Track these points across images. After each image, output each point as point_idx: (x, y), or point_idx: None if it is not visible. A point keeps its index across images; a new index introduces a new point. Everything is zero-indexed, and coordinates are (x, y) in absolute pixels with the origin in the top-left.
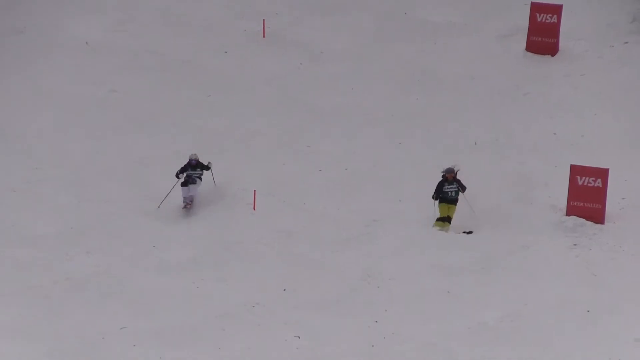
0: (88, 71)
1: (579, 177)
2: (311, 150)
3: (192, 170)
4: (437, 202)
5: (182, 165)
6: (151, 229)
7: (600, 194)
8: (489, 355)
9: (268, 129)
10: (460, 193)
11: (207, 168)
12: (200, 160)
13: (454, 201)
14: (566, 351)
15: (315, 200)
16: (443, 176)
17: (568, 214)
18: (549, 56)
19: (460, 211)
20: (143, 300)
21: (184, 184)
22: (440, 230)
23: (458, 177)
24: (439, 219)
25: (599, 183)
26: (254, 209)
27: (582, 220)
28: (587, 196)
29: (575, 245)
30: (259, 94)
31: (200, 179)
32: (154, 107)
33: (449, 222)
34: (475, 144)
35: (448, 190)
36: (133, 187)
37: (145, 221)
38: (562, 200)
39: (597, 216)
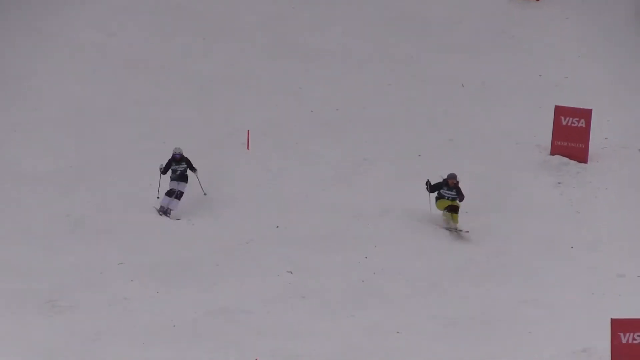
0: (87, 15)
1: (562, 118)
2: (302, 91)
3: (177, 165)
4: (432, 196)
5: (167, 161)
6: (148, 168)
7: (583, 134)
8: (476, 291)
9: (261, 72)
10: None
11: (193, 169)
12: (184, 155)
13: (453, 200)
14: (550, 286)
15: (307, 140)
16: (444, 180)
17: (552, 153)
18: (534, 1)
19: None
20: (140, 237)
21: (168, 194)
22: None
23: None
24: (446, 209)
25: (582, 123)
26: (248, 148)
27: (566, 159)
28: (570, 136)
29: (559, 183)
30: (252, 37)
31: (186, 178)
32: (150, 51)
33: (456, 211)
34: (463, 86)
35: (446, 195)
36: (131, 127)
37: (143, 160)
38: (547, 140)
39: (580, 155)
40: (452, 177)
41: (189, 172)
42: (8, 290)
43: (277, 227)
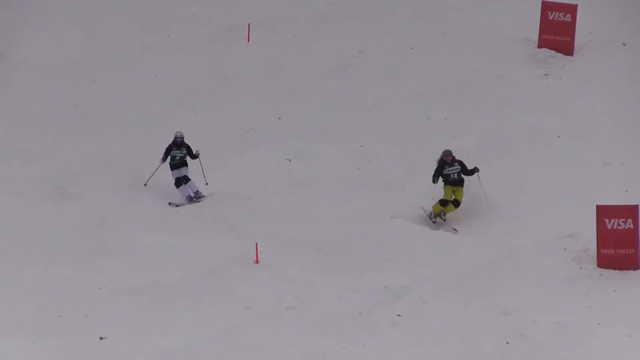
0: None
1: (549, 12)
2: None
3: (177, 150)
4: (440, 183)
5: (167, 147)
6: (154, 60)
7: (569, 28)
8: (473, 180)
9: None
10: (472, 176)
11: (195, 156)
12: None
13: (458, 182)
14: (538, 173)
15: (306, 32)
16: (441, 159)
17: (539, 46)
18: None
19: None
20: (145, 125)
21: (177, 184)
22: (437, 215)
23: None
24: (441, 201)
25: (568, 18)
26: (248, 41)
27: (553, 52)
28: (557, 30)
29: (546, 75)
30: None
31: (186, 164)
32: None
33: (456, 205)
34: None
35: (449, 173)
36: (135, 20)
37: (148, 54)
38: (534, 34)
39: (566, 48)
40: (447, 154)
41: (189, 159)
42: (19, 178)
43: (279, 118)
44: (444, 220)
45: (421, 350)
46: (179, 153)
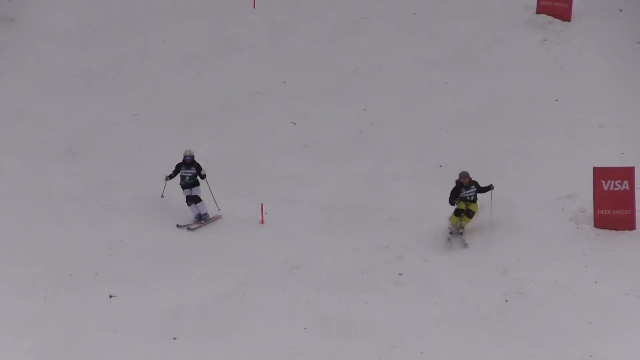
0: None
1: None
2: None
3: (186, 169)
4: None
5: (176, 165)
6: (162, 25)
7: None
8: (465, 140)
9: None
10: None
11: (203, 176)
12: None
13: (473, 201)
14: (536, 136)
15: None
16: (457, 182)
17: (538, 12)
18: None
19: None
20: (153, 90)
21: (188, 202)
22: (454, 226)
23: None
24: (456, 212)
25: None
26: (254, 7)
27: (551, 17)
28: None
29: (544, 40)
30: None
31: (198, 183)
32: None
33: (470, 216)
34: None
35: (466, 196)
36: None
37: (156, 19)
38: (533, 0)
39: (564, 14)
40: (464, 176)
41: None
42: (30, 140)
43: (284, 82)
44: (461, 234)
45: (422, 308)
46: (188, 172)
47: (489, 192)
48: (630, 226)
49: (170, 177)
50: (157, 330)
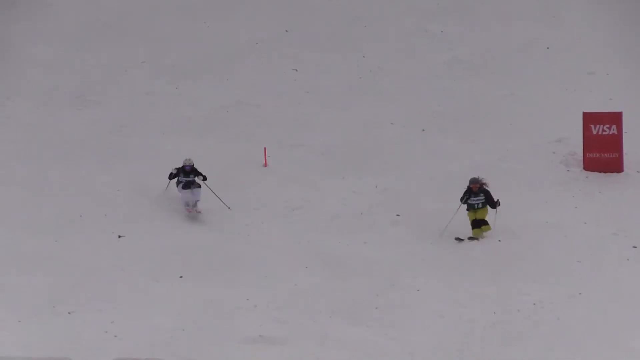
0: None
1: None
2: None
3: (185, 177)
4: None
5: (175, 170)
6: None
7: None
8: (463, 86)
9: None
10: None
11: (204, 178)
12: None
13: (481, 208)
14: (529, 82)
15: None
16: (468, 187)
17: None
18: None
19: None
20: (160, 38)
21: (185, 186)
22: (479, 237)
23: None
24: (473, 227)
25: None
26: None
27: None
28: None
29: None
30: None
31: (198, 184)
32: None
33: (486, 223)
34: None
35: (474, 203)
36: None
37: None
38: None
39: None
40: (473, 181)
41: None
42: (43, 87)
43: (287, 30)
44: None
45: (419, 247)
46: (188, 180)
47: (494, 209)
48: (618, 169)
49: (171, 178)
50: (164, 269)
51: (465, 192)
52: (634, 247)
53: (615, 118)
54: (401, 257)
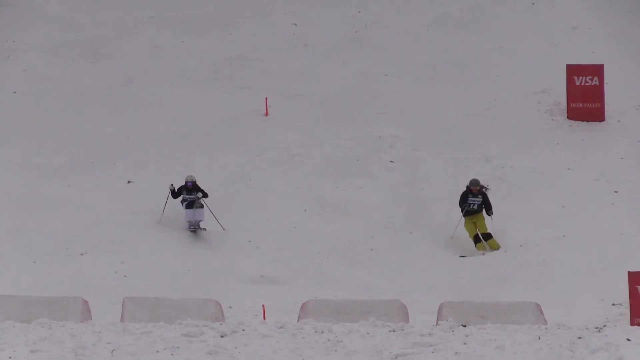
0: None
1: None
2: None
3: (188, 194)
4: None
5: (173, 187)
6: None
7: None
8: (453, 40)
9: None
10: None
11: (205, 195)
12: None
13: (476, 212)
14: (514, 36)
15: None
16: (467, 187)
17: None
18: None
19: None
20: None
21: (188, 206)
22: (485, 251)
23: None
24: (476, 242)
25: None
26: None
27: None
28: None
29: None
30: None
31: (201, 205)
32: None
33: (490, 236)
34: None
35: (471, 202)
36: None
37: None
38: None
39: None
40: (474, 183)
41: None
42: (57, 40)
43: None
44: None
45: (411, 191)
46: (189, 197)
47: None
48: (600, 118)
49: (174, 196)
50: (171, 214)
51: (464, 195)
52: (615, 191)
53: (597, 70)
54: (394, 201)
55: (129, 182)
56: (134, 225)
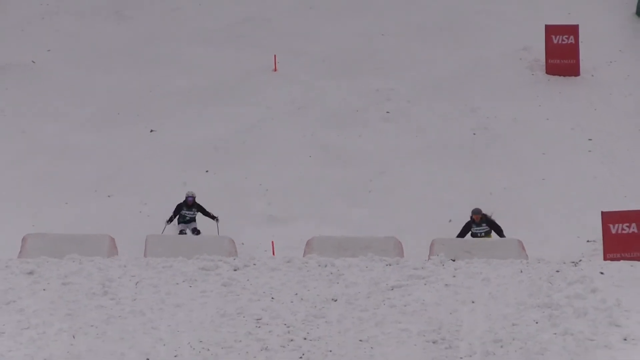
0: None
1: None
2: None
3: (187, 210)
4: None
5: (177, 205)
6: None
7: None
8: (444, 2)
9: None
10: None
11: (213, 217)
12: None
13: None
14: (496, 2)
15: None
16: (471, 217)
17: None
18: None
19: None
20: None
21: (186, 222)
22: None
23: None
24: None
25: None
26: None
27: None
28: None
29: None
30: None
31: (195, 221)
32: None
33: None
34: None
35: (477, 232)
36: None
37: None
38: None
39: None
40: (476, 212)
41: (207, 220)
42: (85, 4)
43: None
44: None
45: (405, 140)
46: (189, 213)
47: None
48: (575, 73)
49: (170, 220)
50: (190, 160)
51: (466, 226)
52: (589, 139)
53: (572, 30)
54: (390, 148)
55: (151, 131)
56: (155, 170)
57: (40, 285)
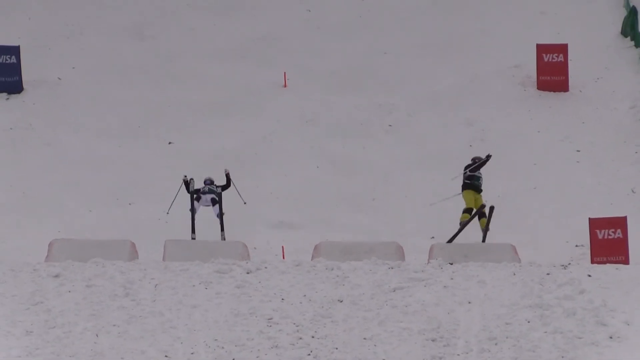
0: None
1: None
2: None
3: (203, 193)
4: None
5: (194, 189)
6: None
7: None
8: (442, 22)
9: None
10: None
11: (226, 186)
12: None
13: (480, 190)
14: (491, 18)
15: None
16: (488, 156)
17: None
18: None
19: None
20: None
21: (197, 199)
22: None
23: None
24: (465, 211)
25: None
26: None
27: None
28: None
29: None
30: None
31: (216, 202)
32: None
33: (484, 216)
34: None
35: (481, 176)
36: None
37: None
38: None
39: None
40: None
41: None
42: (108, 24)
43: None
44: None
45: (406, 150)
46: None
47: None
48: (565, 89)
49: (188, 190)
50: (204, 168)
51: (482, 163)
52: (578, 150)
53: (562, 49)
54: (392, 159)
55: (169, 143)
56: (174, 179)
57: (66, 287)
